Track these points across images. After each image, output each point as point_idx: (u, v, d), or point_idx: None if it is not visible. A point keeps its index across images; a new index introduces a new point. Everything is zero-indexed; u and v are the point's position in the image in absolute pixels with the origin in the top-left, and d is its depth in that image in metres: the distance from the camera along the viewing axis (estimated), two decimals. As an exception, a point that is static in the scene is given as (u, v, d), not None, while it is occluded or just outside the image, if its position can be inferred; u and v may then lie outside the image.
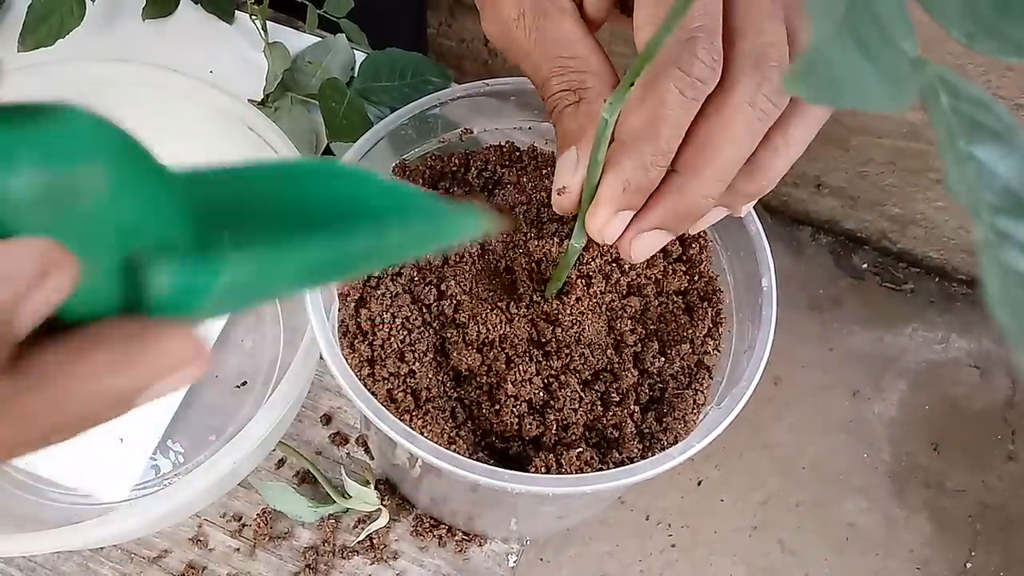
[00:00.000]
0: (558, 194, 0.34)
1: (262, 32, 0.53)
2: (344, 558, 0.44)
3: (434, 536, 0.45)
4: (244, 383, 0.46)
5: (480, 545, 0.46)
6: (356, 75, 0.53)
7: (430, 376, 0.37)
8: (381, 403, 0.37)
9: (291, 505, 0.44)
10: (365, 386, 0.37)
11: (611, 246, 0.38)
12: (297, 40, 0.55)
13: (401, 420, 0.36)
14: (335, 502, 0.44)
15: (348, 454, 0.46)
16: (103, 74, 0.46)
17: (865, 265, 0.88)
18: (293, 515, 0.44)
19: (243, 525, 0.44)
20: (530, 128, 0.44)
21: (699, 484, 0.81)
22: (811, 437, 0.86)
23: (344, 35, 0.54)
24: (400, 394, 0.37)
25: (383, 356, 0.37)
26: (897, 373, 0.87)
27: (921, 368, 0.88)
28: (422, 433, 0.36)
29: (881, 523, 0.83)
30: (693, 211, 0.32)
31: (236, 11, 0.56)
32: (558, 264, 0.38)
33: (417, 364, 0.37)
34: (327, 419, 0.47)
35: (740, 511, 0.83)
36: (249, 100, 0.52)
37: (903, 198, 0.87)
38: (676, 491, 0.82)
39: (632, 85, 0.28)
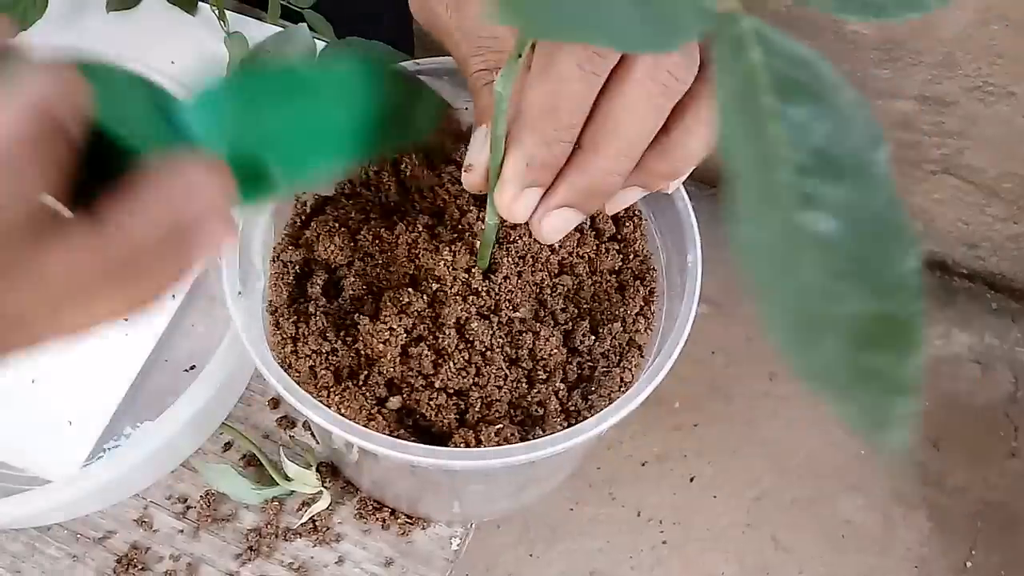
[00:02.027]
0: (466, 171, 0.34)
1: (222, 22, 0.54)
2: (287, 540, 0.45)
3: (377, 519, 0.45)
4: (193, 367, 0.47)
5: (423, 528, 0.45)
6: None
7: (352, 355, 0.38)
8: (302, 380, 0.37)
9: (234, 487, 0.44)
10: (288, 363, 0.38)
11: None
12: (260, 31, 0.56)
13: (319, 396, 0.36)
14: (278, 485, 0.45)
15: (293, 437, 0.47)
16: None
17: (865, 259, 0.85)
18: (236, 497, 0.44)
19: (188, 507, 0.45)
20: (467, 108, 0.44)
21: (691, 480, 0.80)
22: (806, 433, 0.84)
23: (305, 25, 0.55)
24: (322, 371, 0.37)
25: (306, 334, 0.37)
26: (897, 368, 0.84)
27: (922, 363, 0.85)
28: (339, 409, 0.36)
29: (878, 521, 0.81)
30: (601, 188, 0.31)
31: (199, 3, 0.56)
32: (481, 243, 0.38)
33: (339, 343, 0.37)
34: (275, 403, 0.47)
35: (733, 508, 0.82)
36: (208, 90, 0.53)
37: (899, 191, 0.85)
38: (668, 488, 0.81)
39: (520, 56, 0.28)
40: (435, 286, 0.38)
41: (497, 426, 0.36)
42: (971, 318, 0.85)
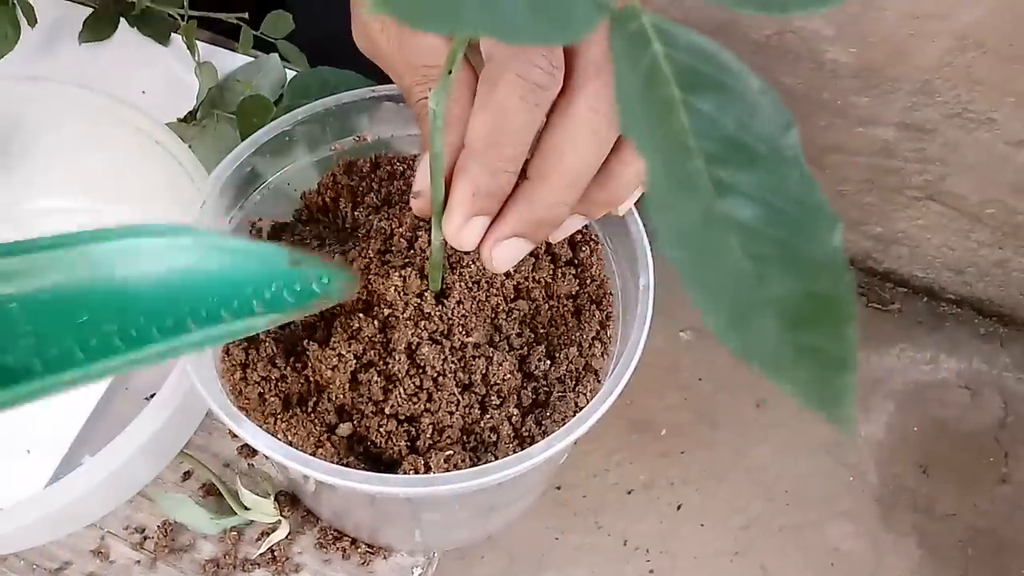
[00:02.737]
0: (413, 198, 0.34)
1: (192, 52, 0.54)
2: (245, 571, 0.44)
3: (337, 549, 0.45)
4: (152, 395, 0.47)
5: (385, 558, 0.45)
6: (284, 93, 0.53)
7: (301, 382, 0.37)
8: (251, 407, 0.37)
9: (192, 517, 0.44)
10: (238, 390, 0.37)
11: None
12: (232, 61, 0.56)
13: (266, 423, 0.36)
14: (236, 514, 0.44)
15: (252, 466, 0.46)
16: (21, 93, 0.47)
17: (852, 284, 0.85)
18: (194, 527, 0.44)
19: (145, 537, 0.44)
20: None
21: (678, 508, 0.79)
22: (795, 460, 0.83)
23: (276, 55, 0.55)
24: (271, 398, 0.37)
25: (255, 360, 0.37)
26: (884, 394, 0.84)
27: (909, 389, 0.85)
28: (287, 437, 0.36)
29: (868, 548, 0.80)
30: (548, 218, 0.32)
31: (172, 34, 0.57)
32: (430, 265, 0.38)
33: (289, 369, 0.37)
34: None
35: (721, 536, 0.81)
36: (177, 118, 0.53)
37: (883, 217, 0.85)
38: (655, 516, 0.80)
39: (451, 72, 0.28)
40: (386, 311, 0.38)
41: (447, 452, 0.36)
42: (959, 344, 0.84)
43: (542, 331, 0.40)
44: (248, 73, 0.55)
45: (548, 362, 0.39)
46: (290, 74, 0.55)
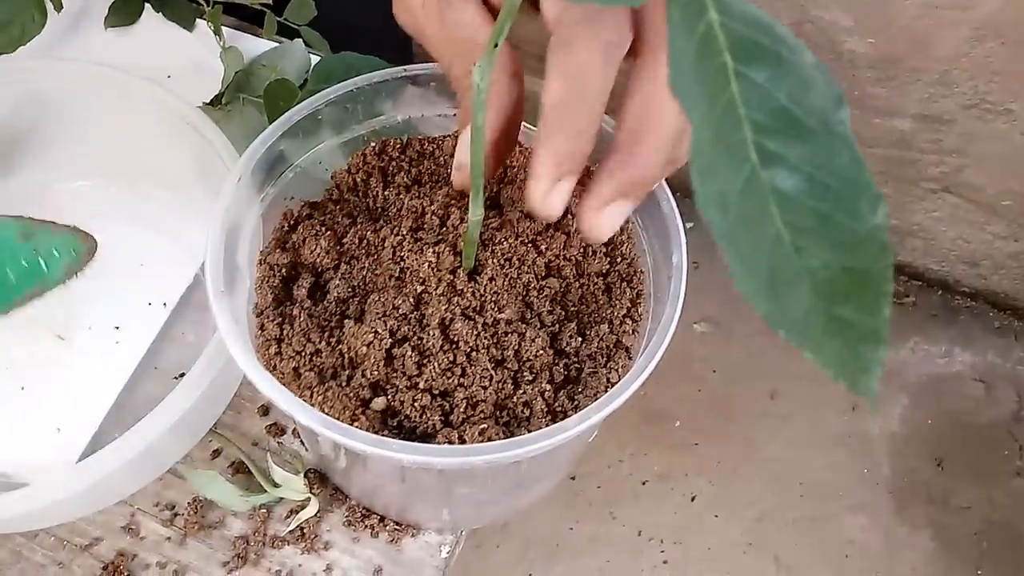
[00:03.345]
0: (456, 171, 0.34)
1: (218, 36, 0.54)
2: (275, 548, 0.44)
3: (366, 527, 0.45)
4: (182, 374, 0.47)
5: (413, 536, 0.45)
6: (308, 77, 0.54)
7: (335, 357, 0.37)
8: (286, 381, 0.37)
9: (222, 494, 0.44)
10: (273, 365, 0.38)
11: (535, 224, 0.38)
12: (256, 46, 0.57)
13: (302, 396, 0.36)
14: (266, 492, 0.44)
15: (282, 444, 0.47)
16: (53, 72, 0.48)
17: (866, 277, 0.85)
18: (224, 504, 0.44)
19: (175, 514, 0.45)
20: (455, 115, 0.44)
21: (692, 500, 0.79)
22: (809, 452, 0.83)
23: (300, 40, 0.56)
24: (305, 372, 0.37)
25: (290, 334, 0.38)
26: (899, 387, 0.84)
27: (923, 382, 0.85)
28: (322, 409, 0.36)
29: (882, 540, 0.80)
30: (647, 178, 0.32)
31: (197, 19, 0.57)
32: (465, 241, 0.38)
33: (323, 344, 0.37)
34: (265, 410, 0.47)
35: (734, 527, 0.81)
36: (203, 102, 0.54)
37: (899, 209, 0.85)
38: (669, 507, 0.80)
39: (497, 46, 0.28)
40: (419, 288, 0.38)
41: (481, 426, 0.36)
42: (973, 337, 0.85)
43: (573, 308, 0.40)
44: (273, 58, 0.55)
45: (579, 339, 0.39)
46: (314, 59, 0.56)
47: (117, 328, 0.47)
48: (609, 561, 0.82)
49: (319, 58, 0.55)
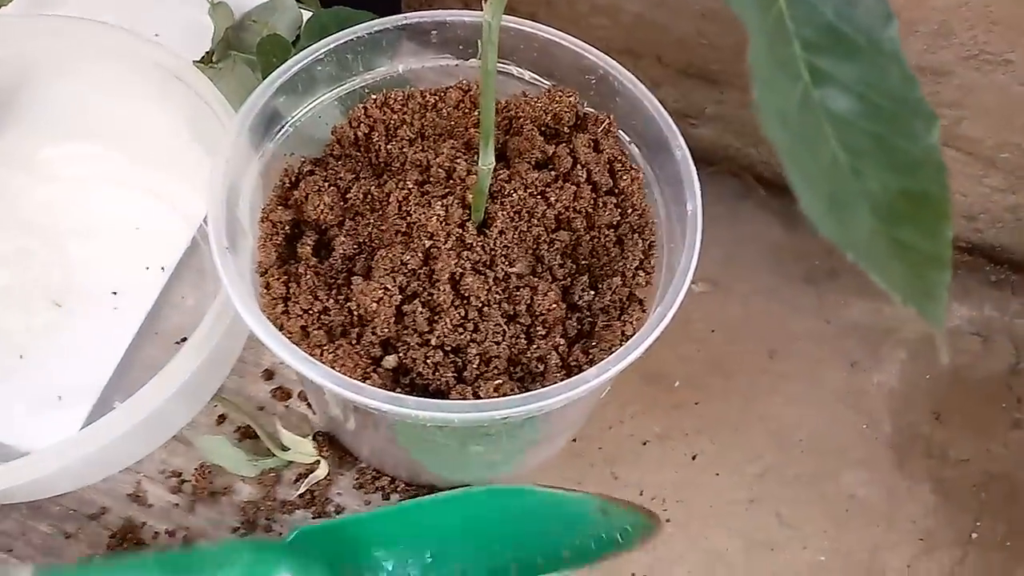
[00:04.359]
0: None
1: (207, -7, 0.53)
2: (285, 512, 0.44)
3: (377, 489, 0.44)
4: (184, 339, 0.46)
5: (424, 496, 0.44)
6: (301, 33, 0.52)
7: (344, 315, 0.37)
8: (295, 340, 0.36)
9: (229, 459, 0.43)
10: (280, 324, 0.37)
11: (543, 175, 0.37)
12: (245, 3, 0.55)
13: (311, 355, 0.35)
14: (274, 456, 0.44)
15: (288, 408, 0.46)
16: (39, 30, 0.46)
17: (862, 234, 0.84)
18: (232, 469, 0.43)
19: (182, 481, 0.44)
20: (456, 65, 0.43)
21: (693, 459, 0.79)
22: (808, 410, 0.83)
23: (292, -5, 0.54)
24: (314, 330, 0.36)
25: (297, 293, 0.37)
26: (896, 343, 0.84)
27: (921, 338, 0.85)
28: (332, 367, 0.35)
29: (883, 495, 0.80)
30: None
31: (184, -24, 0.56)
32: (474, 192, 0.37)
33: (331, 302, 0.37)
34: (269, 374, 0.47)
35: (736, 485, 0.81)
36: (193, 61, 0.52)
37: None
38: (670, 466, 0.80)
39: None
40: (428, 242, 0.38)
41: (496, 382, 0.35)
42: (970, 291, 0.84)
43: (584, 261, 0.39)
44: (263, 14, 0.54)
45: (592, 292, 0.38)
46: (305, 14, 0.54)
47: (115, 293, 0.46)
48: (611, 522, 0.82)
49: (310, 13, 0.54)
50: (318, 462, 0.43)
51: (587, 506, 0.38)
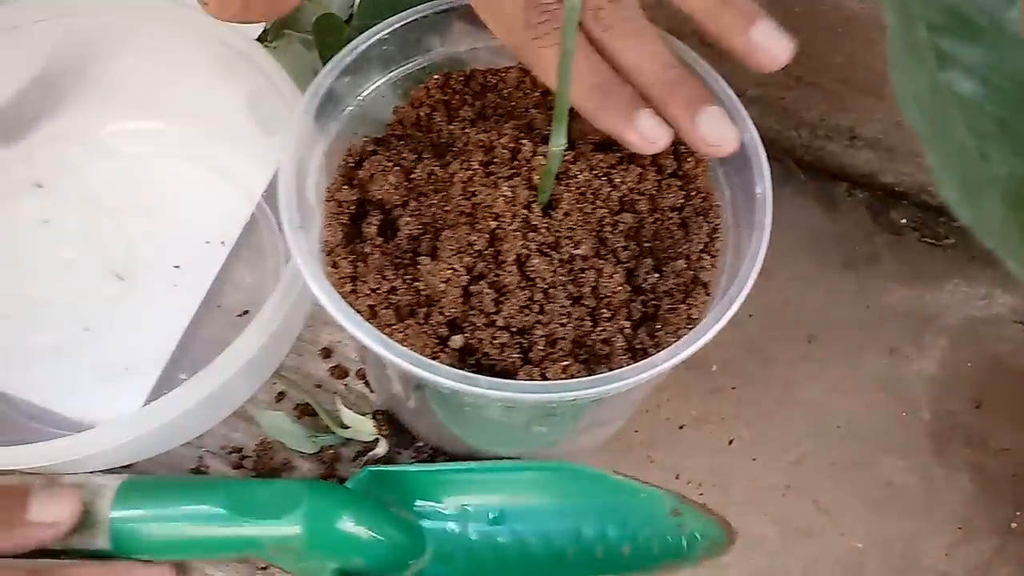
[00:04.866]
0: None
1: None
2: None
3: (434, 467, 0.45)
4: (246, 311, 0.46)
5: (480, 476, 0.45)
6: (354, 12, 0.52)
7: (411, 295, 0.37)
8: (364, 319, 0.37)
9: (290, 435, 0.44)
10: (349, 303, 0.37)
11: (608, 156, 0.38)
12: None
13: (382, 334, 0.36)
14: (334, 433, 0.44)
15: (347, 386, 0.46)
16: (101, 5, 0.46)
17: (904, 220, 0.84)
18: (292, 445, 0.44)
19: (243, 456, 0.44)
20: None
21: (730, 443, 0.79)
22: (847, 396, 0.82)
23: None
24: (382, 310, 0.36)
25: (365, 272, 0.37)
26: (937, 330, 0.83)
27: (963, 325, 0.84)
28: (402, 346, 0.35)
29: (920, 483, 0.79)
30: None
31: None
32: (542, 174, 0.37)
33: (399, 282, 0.37)
34: (327, 352, 0.47)
35: (773, 470, 0.81)
36: (250, 40, 0.52)
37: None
38: (707, 450, 0.80)
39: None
40: (493, 223, 0.38)
41: (564, 363, 0.36)
42: (1015, 279, 0.84)
43: (647, 244, 0.39)
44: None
45: (656, 275, 0.38)
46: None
47: (177, 267, 0.47)
48: (648, 504, 0.82)
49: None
50: (377, 440, 0.44)
51: (661, 503, 0.38)
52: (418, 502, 0.39)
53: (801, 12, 0.53)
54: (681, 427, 0.85)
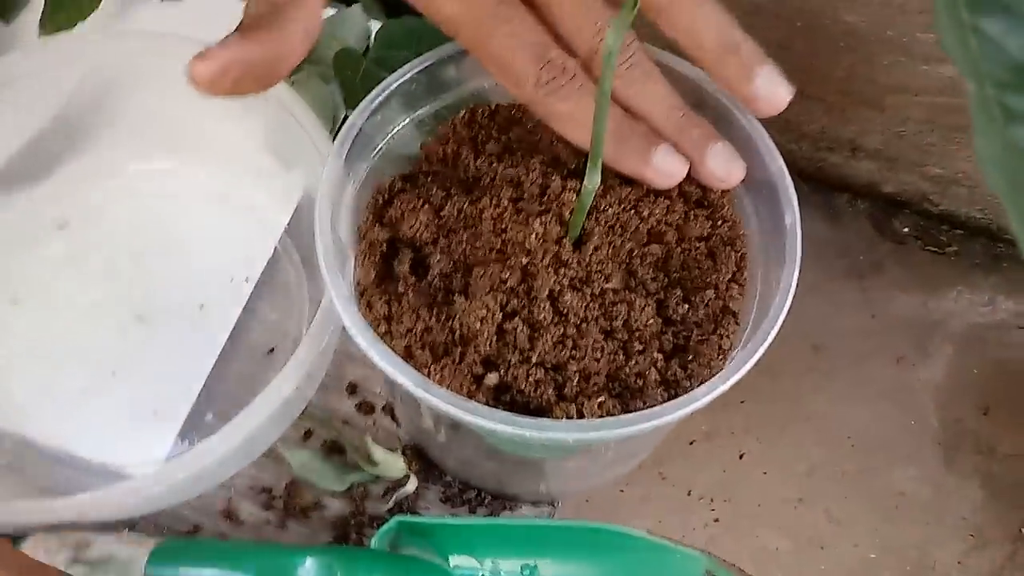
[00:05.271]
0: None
1: (275, 8, 0.53)
2: (375, 527, 0.44)
3: (464, 501, 0.45)
4: (272, 349, 0.46)
5: (511, 509, 0.45)
6: (371, 44, 0.52)
7: (446, 334, 0.37)
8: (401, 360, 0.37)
9: (320, 474, 0.44)
10: (385, 345, 0.37)
11: (636, 189, 0.39)
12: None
13: (421, 375, 0.36)
14: (363, 470, 0.44)
15: (374, 422, 0.46)
16: (116, 47, 0.46)
17: (906, 229, 0.85)
18: (322, 484, 0.44)
19: (272, 496, 0.44)
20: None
21: (740, 457, 0.79)
22: (855, 406, 0.83)
23: (358, 6, 0.54)
24: (418, 350, 0.36)
25: (399, 312, 0.37)
26: (943, 338, 0.84)
27: (968, 332, 0.84)
28: (440, 386, 0.35)
29: (931, 491, 0.80)
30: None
31: (249, -11, 0.55)
32: (574, 210, 0.37)
33: (433, 321, 0.37)
34: (353, 388, 0.47)
35: (784, 483, 0.81)
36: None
37: (944, 157, 0.85)
38: (717, 465, 0.80)
39: (636, 4, 0.28)
40: (525, 259, 0.38)
41: (600, 399, 0.36)
42: (1017, 284, 0.85)
43: (675, 275, 0.40)
44: (332, 26, 0.54)
45: (686, 306, 0.39)
46: (372, 25, 0.54)
47: (202, 307, 0.47)
48: (661, 521, 0.82)
49: (378, 23, 0.54)
50: (407, 476, 0.44)
51: (694, 564, 0.38)
52: (452, 557, 0.39)
53: (803, 26, 0.54)
54: (691, 443, 0.86)
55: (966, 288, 0.86)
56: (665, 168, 0.37)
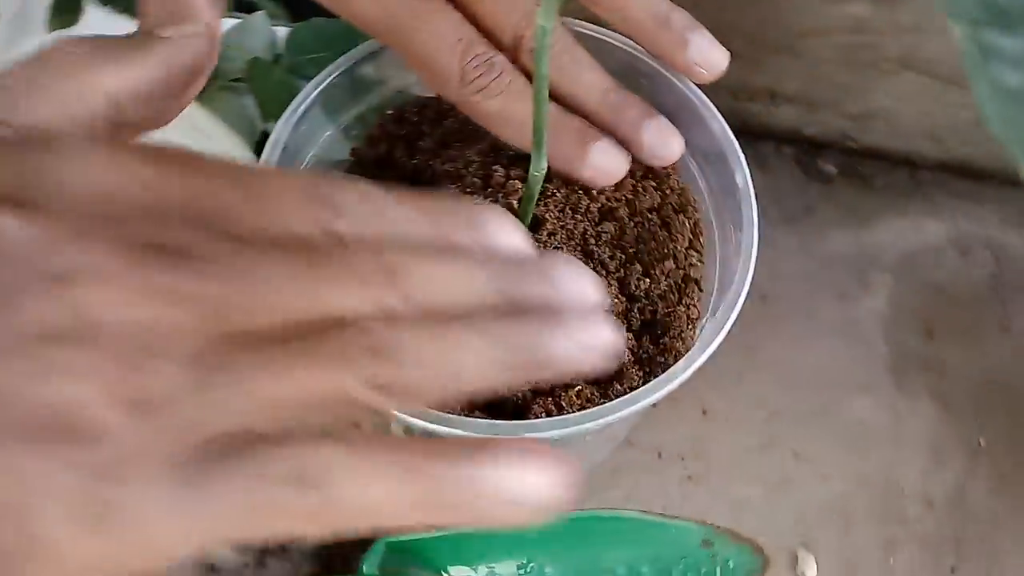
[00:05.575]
0: None
1: (173, 23, 0.50)
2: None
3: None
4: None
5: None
6: (284, 51, 0.50)
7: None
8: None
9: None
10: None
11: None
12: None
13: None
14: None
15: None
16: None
17: (832, 168, 0.86)
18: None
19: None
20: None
21: (704, 413, 0.80)
22: (807, 346, 0.84)
23: (262, 13, 0.52)
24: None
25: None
26: (880, 268, 0.85)
27: (903, 259, 0.86)
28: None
29: (889, 416, 0.82)
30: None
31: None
32: (522, 198, 0.36)
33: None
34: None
35: (748, 432, 0.82)
36: (173, 96, 0.50)
37: (861, 94, 0.86)
38: (683, 424, 0.81)
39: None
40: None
41: (576, 388, 0.35)
42: (943, 207, 0.87)
43: (631, 250, 0.39)
44: (239, 37, 0.51)
45: (647, 280, 0.38)
46: (278, 31, 0.52)
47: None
48: (635, 487, 0.83)
49: (287, 28, 0.51)
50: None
51: (691, 535, 0.38)
52: (445, 571, 0.38)
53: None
54: (654, 406, 0.85)
55: (895, 217, 0.88)
56: (604, 165, 0.36)
